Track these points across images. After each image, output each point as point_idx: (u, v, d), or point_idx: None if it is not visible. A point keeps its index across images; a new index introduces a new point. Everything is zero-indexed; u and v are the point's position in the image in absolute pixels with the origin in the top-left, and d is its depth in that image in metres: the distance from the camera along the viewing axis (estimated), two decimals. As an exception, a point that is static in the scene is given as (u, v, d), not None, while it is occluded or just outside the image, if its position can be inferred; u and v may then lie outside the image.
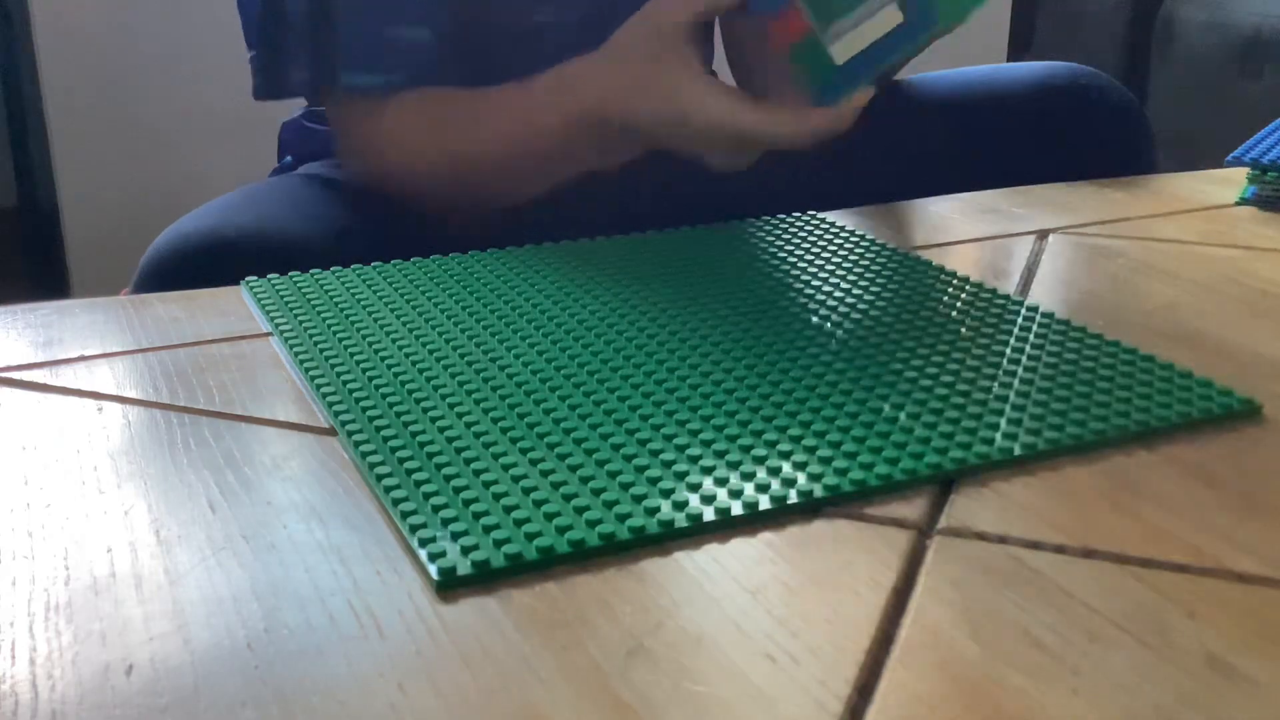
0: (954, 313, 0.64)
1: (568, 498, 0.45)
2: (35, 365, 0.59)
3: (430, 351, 0.59)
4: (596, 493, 0.46)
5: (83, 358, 0.60)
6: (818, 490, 0.46)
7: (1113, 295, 0.69)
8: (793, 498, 0.45)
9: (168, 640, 0.38)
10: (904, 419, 0.51)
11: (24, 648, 0.38)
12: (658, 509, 0.44)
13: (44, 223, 2.28)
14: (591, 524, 0.43)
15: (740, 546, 0.43)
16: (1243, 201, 0.87)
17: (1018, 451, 0.49)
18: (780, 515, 0.45)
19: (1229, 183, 0.91)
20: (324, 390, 0.55)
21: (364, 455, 0.49)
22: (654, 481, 0.46)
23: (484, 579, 0.41)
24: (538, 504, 0.45)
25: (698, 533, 0.44)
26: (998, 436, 0.50)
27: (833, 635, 0.38)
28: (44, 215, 2.28)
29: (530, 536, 0.43)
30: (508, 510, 0.44)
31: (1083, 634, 0.38)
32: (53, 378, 0.58)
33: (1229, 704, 0.35)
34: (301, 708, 0.35)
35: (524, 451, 0.49)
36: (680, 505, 0.45)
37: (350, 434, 0.50)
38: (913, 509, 0.46)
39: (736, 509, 0.45)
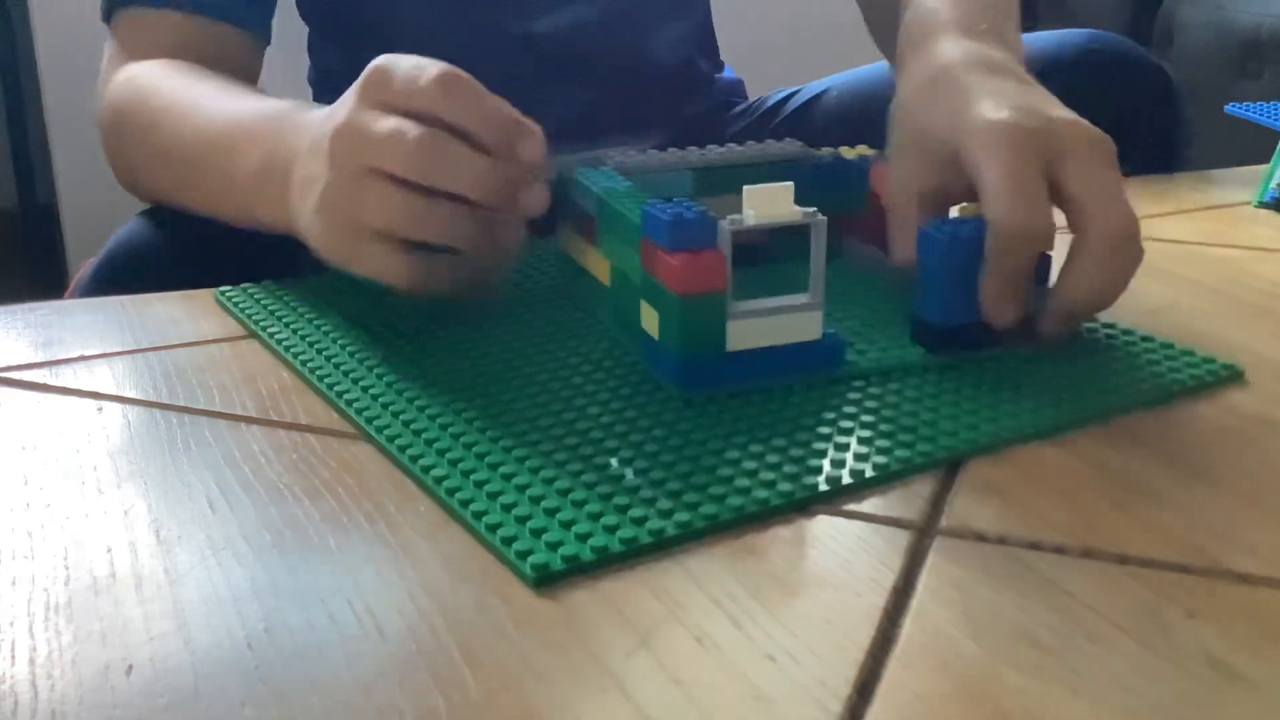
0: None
1: (606, 497, 0.45)
2: (35, 365, 0.59)
3: (433, 352, 0.59)
4: (606, 498, 0.45)
5: (83, 358, 0.60)
6: (815, 485, 0.46)
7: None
8: (789, 498, 0.45)
9: (168, 640, 0.38)
10: (900, 412, 0.52)
11: (24, 648, 0.38)
12: (671, 511, 0.44)
13: (44, 223, 2.28)
14: (639, 521, 0.43)
15: (739, 546, 0.43)
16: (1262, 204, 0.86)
17: (1006, 435, 0.50)
18: (779, 515, 0.45)
19: (1230, 183, 0.91)
20: (348, 397, 0.54)
21: (413, 459, 0.48)
22: (658, 484, 0.46)
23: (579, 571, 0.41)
24: (578, 504, 0.45)
25: (713, 532, 0.43)
26: (983, 424, 0.51)
27: (833, 635, 0.38)
28: (44, 215, 2.28)
29: (582, 538, 0.43)
30: (550, 513, 0.44)
31: (1083, 634, 0.38)
32: (53, 378, 0.58)
33: (1229, 704, 0.35)
34: (301, 708, 0.35)
35: (522, 460, 0.49)
36: (692, 506, 0.44)
37: (390, 438, 0.50)
38: (913, 509, 0.46)
39: (745, 507, 0.44)
